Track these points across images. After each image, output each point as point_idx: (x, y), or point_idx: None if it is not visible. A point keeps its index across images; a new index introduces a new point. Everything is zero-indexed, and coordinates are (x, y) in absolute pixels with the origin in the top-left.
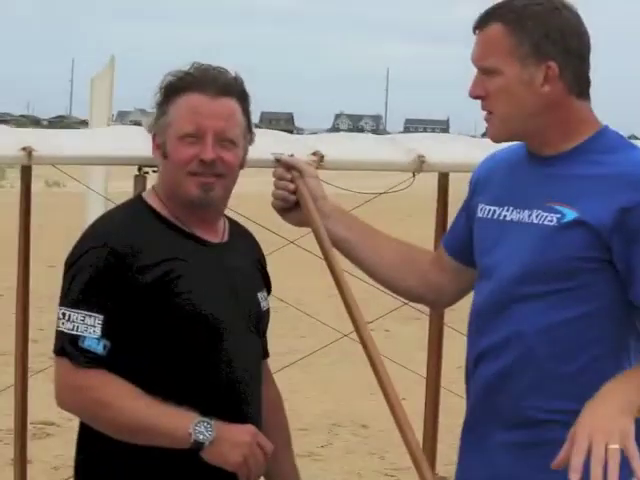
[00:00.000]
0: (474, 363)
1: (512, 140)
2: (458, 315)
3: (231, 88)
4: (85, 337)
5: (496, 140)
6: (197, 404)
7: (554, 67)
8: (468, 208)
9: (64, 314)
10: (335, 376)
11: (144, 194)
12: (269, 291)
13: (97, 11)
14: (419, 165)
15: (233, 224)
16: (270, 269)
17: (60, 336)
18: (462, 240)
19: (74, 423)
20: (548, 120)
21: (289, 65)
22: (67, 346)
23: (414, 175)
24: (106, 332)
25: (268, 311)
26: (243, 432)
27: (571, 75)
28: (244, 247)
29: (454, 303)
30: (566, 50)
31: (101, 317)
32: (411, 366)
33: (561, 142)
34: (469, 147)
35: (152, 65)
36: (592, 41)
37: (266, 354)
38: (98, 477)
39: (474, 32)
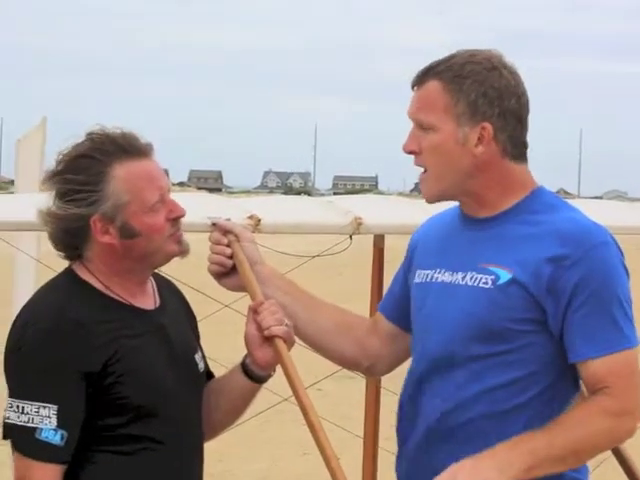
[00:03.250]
0: (412, 424)
1: (446, 199)
2: (391, 375)
3: (151, 146)
4: (42, 429)
5: (430, 199)
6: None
7: (489, 128)
8: (405, 273)
9: (18, 406)
10: (266, 435)
11: (75, 269)
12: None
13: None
14: (356, 227)
15: (157, 279)
16: (205, 330)
17: (14, 430)
18: (400, 304)
19: None
20: (482, 181)
21: (216, 122)
22: (22, 439)
23: (351, 237)
24: (62, 422)
25: (204, 372)
26: None
27: (506, 137)
28: (176, 307)
29: (390, 371)
30: (503, 112)
31: (55, 407)
32: (345, 424)
33: (496, 203)
34: (405, 208)
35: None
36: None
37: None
38: None
39: (412, 88)
